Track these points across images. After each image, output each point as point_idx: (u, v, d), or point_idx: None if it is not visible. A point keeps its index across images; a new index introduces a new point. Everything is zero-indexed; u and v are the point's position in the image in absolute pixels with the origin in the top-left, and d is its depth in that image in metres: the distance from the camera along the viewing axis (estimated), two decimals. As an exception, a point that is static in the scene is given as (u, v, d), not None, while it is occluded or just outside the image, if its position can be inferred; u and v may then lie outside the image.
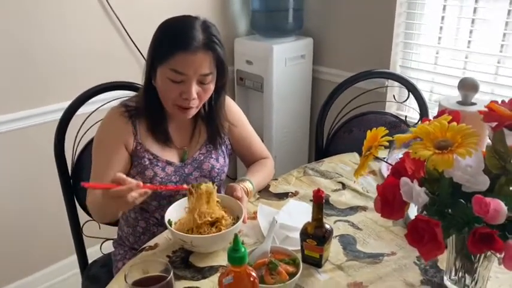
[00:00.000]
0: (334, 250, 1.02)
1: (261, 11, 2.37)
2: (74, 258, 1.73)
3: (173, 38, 1.09)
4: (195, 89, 1.11)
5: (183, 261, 0.99)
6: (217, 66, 1.13)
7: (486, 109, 0.81)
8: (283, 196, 1.28)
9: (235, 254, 0.72)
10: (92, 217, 1.34)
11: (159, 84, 1.13)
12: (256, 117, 2.39)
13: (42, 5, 1.79)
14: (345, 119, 1.71)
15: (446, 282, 0.91)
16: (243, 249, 0.73)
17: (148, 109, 1.17)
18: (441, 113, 0.88)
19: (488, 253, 0.77)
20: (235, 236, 0.73)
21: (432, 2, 2.03)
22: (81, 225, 1.45)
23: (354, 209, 1.20)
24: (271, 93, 2.34)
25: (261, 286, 0.82)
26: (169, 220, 1.02)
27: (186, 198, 1.10)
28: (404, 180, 0.75)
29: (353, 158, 1.50)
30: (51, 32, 1.84)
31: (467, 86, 1.02)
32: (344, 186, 1.33)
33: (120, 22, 2.01)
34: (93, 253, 1.52)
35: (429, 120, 0.84)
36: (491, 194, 0.71)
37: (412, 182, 0.75)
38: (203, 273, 0.96)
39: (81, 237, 1.47)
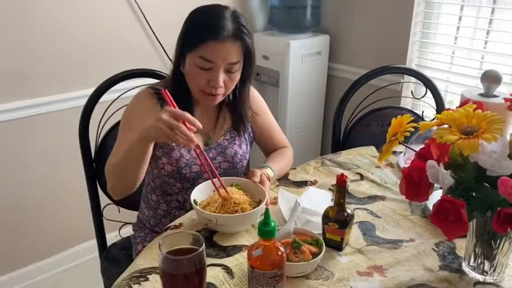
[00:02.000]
0: (354, 235, 1.05)
1: (279, 7, 2.40)
2: (91, 243, 1.77)
3: (203, 26, 1.12)
4: (222, 76, 1.13)
5: (208, 240, 1.02)
6: (245, 55, 1.17)
7: (511, 97, 0.83)
8: (302, 184, 1.30)
9: (266, 228, 0.75)
10: (105, 191, 1.37)
11: (187, 70, 1.16)
12: (271, 112, 2.41)
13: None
14: (362, 114, 1.73)
15: (465, 268, 0.93)
16: (273, 224, 0.75)
17: (175, 93, 1.20)
18: (464, 102, 0.90)
19: (509, 236, 0.79)
20: (266, 209, 0.76)
21: (450, 1, 2.04)
22: (102, 208, 1.49)
23: (373, 198, 1.23)
24: (286, 89, 2.37)
25: (286, 264, 0.84)
26: (194, 200, 1.05)
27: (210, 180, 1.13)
28: (430, 162, 0.78)
29: (370, 151, 1.52)
30: (77, 22, 1.89)
31: (491, 78, 1.04)
32: (362, 177, 1.35)
33: (142, 13, 2.04)
34: (112, 239, 1.55)
35: (452, 109, 0.86)
36: (516, 179, 0.73)
37: (438, 165, 0.78)
38: (227, 251, 0.98)
39: (101, 220, 1.50)
